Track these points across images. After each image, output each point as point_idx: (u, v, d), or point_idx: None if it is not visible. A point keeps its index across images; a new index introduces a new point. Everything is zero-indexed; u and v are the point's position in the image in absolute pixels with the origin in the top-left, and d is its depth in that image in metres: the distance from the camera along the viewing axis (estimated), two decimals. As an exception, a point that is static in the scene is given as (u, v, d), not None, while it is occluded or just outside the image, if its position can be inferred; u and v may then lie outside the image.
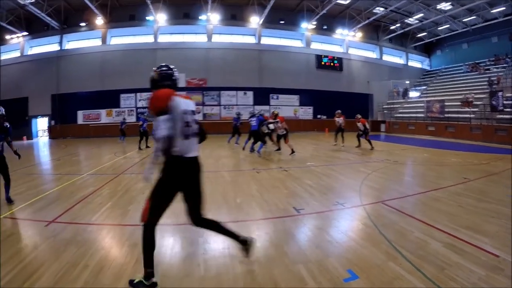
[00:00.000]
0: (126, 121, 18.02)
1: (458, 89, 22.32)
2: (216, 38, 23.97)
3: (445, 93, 22.95)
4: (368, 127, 12.38)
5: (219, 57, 23.33)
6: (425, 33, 26.86)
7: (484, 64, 23.42)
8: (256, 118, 10.99)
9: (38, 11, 19.75)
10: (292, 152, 10.13)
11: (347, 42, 26.57)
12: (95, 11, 20.99)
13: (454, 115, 19.09)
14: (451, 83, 24.67)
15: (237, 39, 24.63)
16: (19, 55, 23.31)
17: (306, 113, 25.31)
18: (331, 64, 25.77)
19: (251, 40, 24.76)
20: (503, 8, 20.17)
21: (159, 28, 23.11)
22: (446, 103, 20.16)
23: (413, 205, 4.77)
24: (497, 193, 5.31)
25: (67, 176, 7.40)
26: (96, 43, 23.20)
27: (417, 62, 30.72)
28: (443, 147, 13.38)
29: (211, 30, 23.58)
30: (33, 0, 18.79)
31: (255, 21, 23.60)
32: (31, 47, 23.71)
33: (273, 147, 11.61)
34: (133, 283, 2.37)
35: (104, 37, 23.07)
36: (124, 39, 23.59)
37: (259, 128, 10.78)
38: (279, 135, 10.94)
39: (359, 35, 26.17)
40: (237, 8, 23.43)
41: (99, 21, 22.19)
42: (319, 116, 25.29)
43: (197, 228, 2.65)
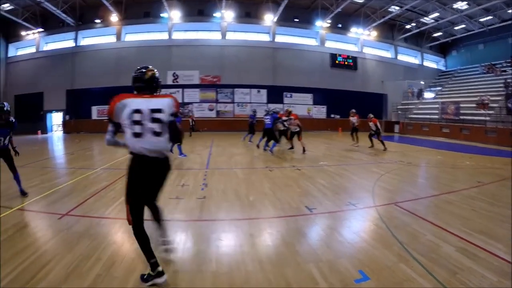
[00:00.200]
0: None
1: (473, 91, 21.79)
2: (230, 36, 24.00)
3: (460, 95, 22.47)
4: (380, 127, 12.27)
5: (233, 55, 23.40)
6: (440, 33, 26.28)
7: (501, 66, 22.70)
8: (270, 116, 10.76)
9: (53, 8, 20.17)
10: (304, 151, 10.23)
11: (362, 41, 26.23)
12: (110, 8, 21.32)
13: (469, 117, 18.68)
14: (466, 85, 24.15)
15: (251, 36, 24.61)
16: (34, 51, 23.85)
17: (319, 112, 25.18)
18: (345, 63, 25.50)
19: (265, 38, 24.74)
20: (521, 8, 19.59)
21: (173, 25, 23.31)
22: (461, 105, 19.73)
23: (426, 207, 4.74)
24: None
25: (80, 170, 7.52)
26: (111, 39, 23.54)
27: (432, 63, 30.08)
28: (457, 149, 13.13)
29: (225, 28, 23.63)
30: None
31: (269, 18, 23.57)
32: (47, 43, 24.24)
33: (287, 145, 11.64)
34: (144, 277, 2.50)
35: (118, 34, 23.41)
36: (139, 36, 23.89)
37: (273, 126, 10.66)
38: (292, 132, 10.99)
39: (374, 34, 25.81)
40: (251, 5, 23.41)
41: (114, 18, 22.52)
42: (332, 116, 25.15)
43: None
